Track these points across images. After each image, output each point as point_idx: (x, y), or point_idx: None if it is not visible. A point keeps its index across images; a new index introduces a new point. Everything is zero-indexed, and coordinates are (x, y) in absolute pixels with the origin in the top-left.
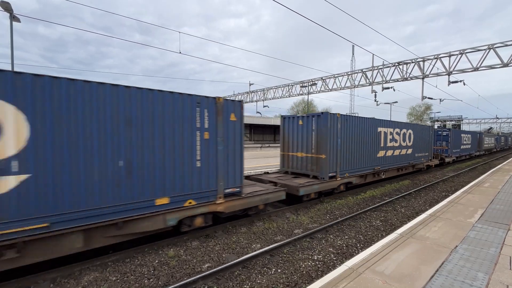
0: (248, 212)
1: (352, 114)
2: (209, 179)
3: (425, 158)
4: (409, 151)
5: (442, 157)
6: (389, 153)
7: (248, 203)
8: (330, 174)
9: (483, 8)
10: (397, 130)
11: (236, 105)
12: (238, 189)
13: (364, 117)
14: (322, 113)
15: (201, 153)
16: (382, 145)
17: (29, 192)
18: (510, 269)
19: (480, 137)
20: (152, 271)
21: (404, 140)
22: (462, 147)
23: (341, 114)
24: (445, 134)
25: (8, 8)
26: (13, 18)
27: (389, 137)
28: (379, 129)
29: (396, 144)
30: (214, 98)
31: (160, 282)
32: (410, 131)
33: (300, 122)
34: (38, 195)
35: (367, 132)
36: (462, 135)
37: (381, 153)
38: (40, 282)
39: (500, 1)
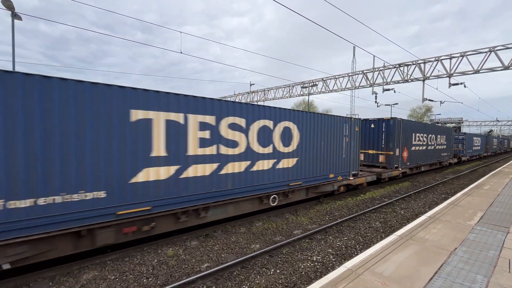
0: (358, 187)
1: (354, 116)
2: (347, 165)
3: (448, 156)
4: (438, 150)
5: (459, 156)
6: (428, 150)
7: (362, 180)
8: (395, 165)
9: (489, 8)
10: (432, 135)
11: (357, 121)
12: (357, 171)
13: (416, 121)
14: (391, 118)
15: (345, 150)
16: (423, 144)
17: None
18: (509, 272)
19: (487, 140)
20: (151, 270)
21: (437, 142)
22: (473, 148)
23: (402, 119)
24: (461, 138)
25: (10, 6)
26: (15, 16)
27: (426, 139)
28: (420, 133)
29: (431, 144)
30: (350, 117)
31: (159, 282)
32: (443, 135)
33: (372, 126)
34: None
35: (415, 133)
36: (474, 138)
37: (421, 149)
38: (39, 280)
39: (506, 1)
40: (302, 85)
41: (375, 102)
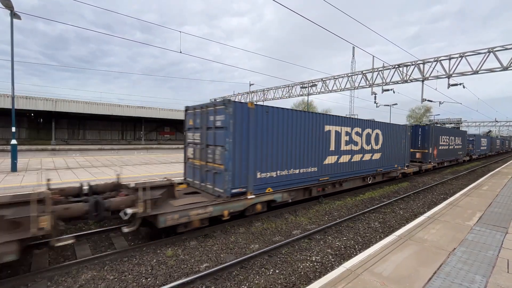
0: (408, 175)
1: (353, 116)
2: (404, 158)
3: (462, 155)
4: (456, 149)
5: (471, 155)
6: (449, 149)
7: (411, 170)
8: (429, 160)
9: (489, 8)
10: (452, 137)
11: (409, 128)
12: (408, 164)
13: (442, 127)
14: (426, 124)
15: (403, 148)
16: (447, 144)
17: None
18: (508, 272)
19: (492, 140)
20: (150, 271)
21: (455, 143)
22: (481, 148)
23: (434, 125)
24: (471, 139)
25: (8, 5)
26: (14, 15)
27: (448, 140)
28: (445, 136)
29: (452, 144)
30: (405, 125)
31: (157, 282)
32: (459, 137)
33: (411, 130)
34: None
35: (442, 135)
36: (481, 139)
37: (446, 148)
38: (37, 280)
39: (506, 2)
40: (301, 85)
41: (375, 102)
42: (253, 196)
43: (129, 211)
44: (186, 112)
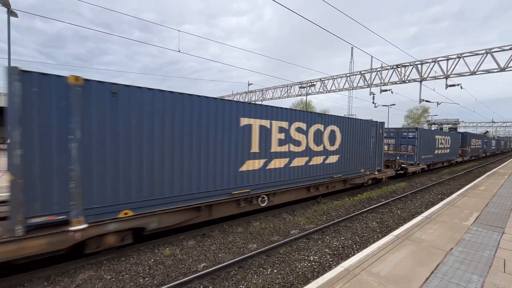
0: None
1: (351, 116)
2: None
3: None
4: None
5: (485, 153)
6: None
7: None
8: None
9: (488, 9)
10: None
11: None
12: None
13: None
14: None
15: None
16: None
17: None
18: (504, 271)
19: (499, 141)
20: (148, 270)
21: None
22: (492, 147)
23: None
24: (486, 141)
25: (6, 2)
26: (11, 13)
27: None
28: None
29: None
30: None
31: (155, 281)
32: (478, 139)
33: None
34: None
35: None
36: (492, 140)
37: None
38: (34, 280)
39: (505, 3)
40: (300, 85)
41: (373, 102)
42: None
43: (405, 166)
44: None
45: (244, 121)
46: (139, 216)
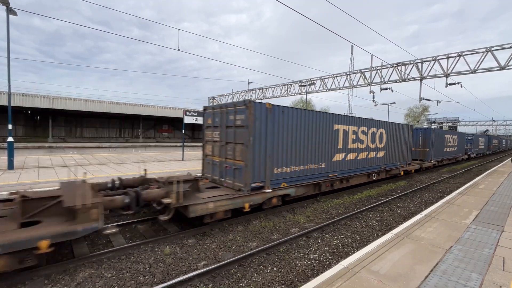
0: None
1: (351, 114)
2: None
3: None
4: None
5: (494, 151)
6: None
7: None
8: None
9: (487, 9)
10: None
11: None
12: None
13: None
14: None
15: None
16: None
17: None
18: (504, 269)
19: (501, 140)
20: (148, 268)
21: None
22: (493, 144)
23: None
24: (498, 140)
25: (4, 1)
26: (10, 11)
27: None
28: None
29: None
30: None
31: (155, 280)
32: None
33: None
34: None
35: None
36: (493, 139)
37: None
38: (35, 278)
39: (505, 3)
40: (300, 84)
41: (373, 101)
42: (270, 190)
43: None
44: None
45: (335, 126)
46: (288, 187)
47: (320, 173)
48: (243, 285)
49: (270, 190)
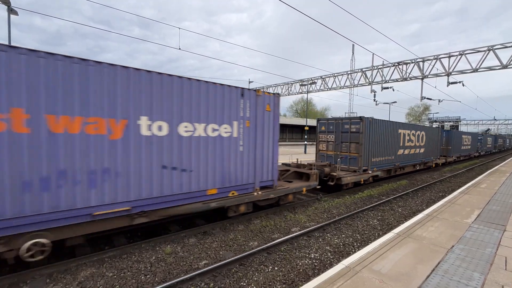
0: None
1: (352, 114)
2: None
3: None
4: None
5: (501, 149)
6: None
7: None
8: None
9: (489, 8)
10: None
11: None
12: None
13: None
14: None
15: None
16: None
17: None
18: (506, 269)
19: (505, 139)
20: (149, 268)
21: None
22: (498, 144)
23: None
24: (499, 140)
25: (6, 0)
26: (11, 11)
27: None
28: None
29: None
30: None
31: (157, 279)
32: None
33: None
34: None
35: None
36: (499, 139)
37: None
38: (36, 277)
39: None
40: (300, 83)
41: (374, 100)
42: (370, 172)
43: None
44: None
45: (399, 131)
46: (377, 170)
47: (391, 162)
48: (244, 284)
49: (370, 172)
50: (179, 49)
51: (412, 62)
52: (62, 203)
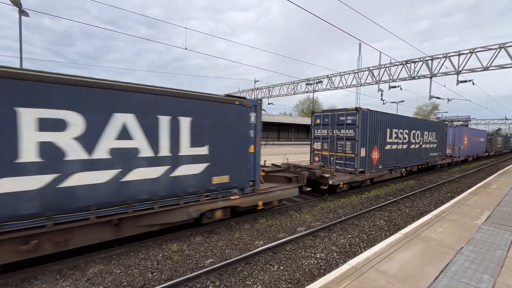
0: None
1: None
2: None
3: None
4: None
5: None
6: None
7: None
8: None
9: (505, 1)
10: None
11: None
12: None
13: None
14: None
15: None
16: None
17: None
18: None
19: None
20: (156, 265)
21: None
22: (510, 144)
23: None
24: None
25: (17, 2)
26: (22, 12)
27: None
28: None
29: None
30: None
31: (163, 276)
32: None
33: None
34: None
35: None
36: (510, 139)
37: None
38: (47, 273)
39: None
40: (307, 82)
41: (381, 99)
42: (368, 173)
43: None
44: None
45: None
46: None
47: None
48: (250, 283)
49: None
50: (186, 48)
51: (421, 61)
52: None
